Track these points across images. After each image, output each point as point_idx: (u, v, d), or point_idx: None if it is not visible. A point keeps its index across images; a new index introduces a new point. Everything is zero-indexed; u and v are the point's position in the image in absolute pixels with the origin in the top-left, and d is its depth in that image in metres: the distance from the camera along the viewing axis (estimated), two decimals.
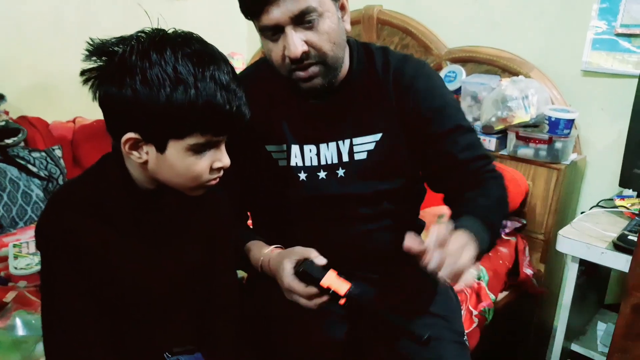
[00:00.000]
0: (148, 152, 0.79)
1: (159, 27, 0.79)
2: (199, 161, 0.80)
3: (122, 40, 0.77)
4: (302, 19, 0.91)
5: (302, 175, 1.08)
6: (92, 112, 2.21)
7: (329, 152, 1.07)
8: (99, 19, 2.30)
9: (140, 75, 0.73)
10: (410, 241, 0.81)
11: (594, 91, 1.86)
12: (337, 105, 1.05)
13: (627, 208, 1.57)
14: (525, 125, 1.82)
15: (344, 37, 1.00)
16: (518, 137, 1.82)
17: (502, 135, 1.90)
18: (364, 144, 1.06)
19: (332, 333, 1.04)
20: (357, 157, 1.06)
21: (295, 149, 1.07)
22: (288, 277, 0.93)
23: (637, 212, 1.50)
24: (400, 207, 1.12)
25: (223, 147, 0.84)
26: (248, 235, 1.10)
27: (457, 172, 1.06)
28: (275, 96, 1.04)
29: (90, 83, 0.77)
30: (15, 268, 1.38)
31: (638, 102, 1.53)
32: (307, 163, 1.07)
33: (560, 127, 1.74)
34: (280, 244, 1.05)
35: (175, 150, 0.78)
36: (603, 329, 1.66)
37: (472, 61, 2.10)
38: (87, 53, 0.76)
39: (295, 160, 1.08)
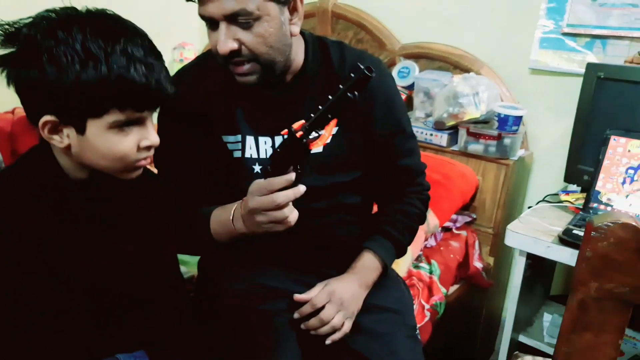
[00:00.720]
0: (69, 135, 0.76)
1: (69, 5, 0.76)
2: (123, 140, 0.77)
3: (32, 22, 0.74)
4: (236, 19, 0.90)
5: (257, 168, 1.06)
6: None
7: None
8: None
9: (47, 54, 0.70)
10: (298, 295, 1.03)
11: (541, 89, 1.92)
12: (292, 97, 1.05)
13: (572, 203, 1.62)
14: (475, 122, 1.86)
15: (287, 41, 0.97)
16: (469, 133, 1.85)
17: (454, 131, 1.93)
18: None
19: (286, 337, 1.03)
20: (313, 150, 1.04)
21: (250, 140, 1.06)
22: (256, 182, 0.92)
23: (581, 207, 1.56)
24: (355, 200, 1.13)
25: (150, 124, 0.81)
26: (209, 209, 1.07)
27: (391, 176, 1.14)
28: (231, 86, 1.02)
29: (3, 70, 0.74)
30: None
31: (582, 100, 1.58)
32: (262, 155, 1.06)
33: (509, 124, 1.78)
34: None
35: (96, 129, 0.75)
36: (549, 320, 1.71)
37: (425, 57, 2.12)
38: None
39: (250, 152, 1.06)
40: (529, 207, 1.65)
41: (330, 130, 0.82)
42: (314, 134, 0.83)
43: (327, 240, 1.12)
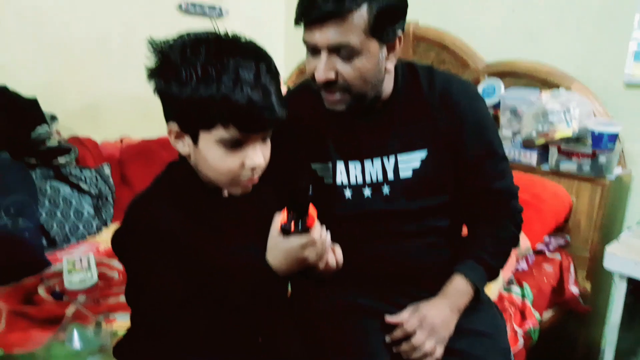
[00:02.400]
0: (188, 145, 0.84)
1: (205, 30, 0.85)
2: (228, 156, 0.82)
3: (174, 41, 0.83)
4: (338, 51, 0.95)
5: (348, 193, 1.10)
6: (138, 132, 2.30)
7: (373, 169, 1.09)
8: (142, 43, 2.39)
9: (172, 69, 0.79)
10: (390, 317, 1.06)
11: (637, 104, 1.82)
12: (381, 122, 1.08)
13: None
14: (567, 140, 1.79)
15: (380, 77, 1.02)
16: (560, 152, 1.79)
17: (544, 150, 1.87)
18: (409, 161, 1.08)
19: (378, 355, 1.05)
20: (402, 175, 1.08)
21: (340, 165, 1.10)
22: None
23: None
24: (444, 223, 1.14)
25: (258, 146, 0.84)
26: None
27: (484, 199, 1.13)
28: (321, 114, 1.07)
29: (151, 79, 0.84)
30: (70, 282, 1.44)
31: None
32: (352, 181, 1.10)
33: (603, 141, 1.71)
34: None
35: (206, 142, 0.82)
36: None
37: (510, 75, 2.08)
38: (149, 48, 0.84)
39: (341, 178, 1.10)
40: (628, 228, 1.57)
41: (311, 211, 0.83)
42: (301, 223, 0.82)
43: (416, 263, 1.12)
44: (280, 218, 0.83)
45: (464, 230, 1.23)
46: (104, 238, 1.78)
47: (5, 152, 1.77)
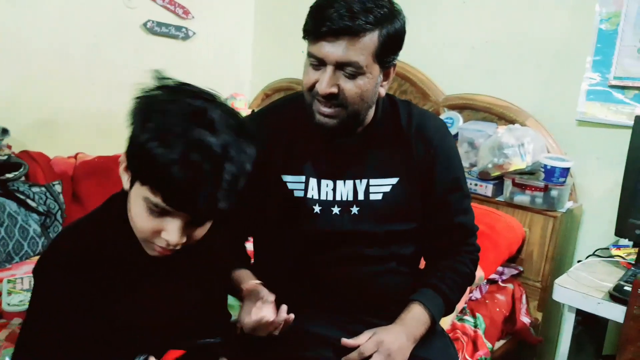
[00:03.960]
0: (127, 182, 0.81)
1: (185, 82, 0.81)
2: (146, 218, 0.77)
3: (156, 86, 0.80)
4: (344, 68, 0.97)
5: (317, 208, 1.10)
6: (94, 148, 2.24)
7: (345, 190, 1.10)
8: (107, 57, 2.36)
9: (146, 112, 0.76)
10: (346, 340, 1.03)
11: (589, 140, 1.90)
12: (359, 146, 1.10)
13: (623, 258, 1.57)
14: (521, 173, 1.84)
15: (374, 99, 1.05)
16: (514, 184, 1.84)
17: (499, 182, 1.92)
18: (381, 186, 1.10)
19: None
20: (372, 197, 1.09)
21: (312, 182, 1.10)
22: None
23: (633, 262, 1.50)
24: (408, 250, 1.15)
25: (181, 225, 0.77)
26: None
27: (446, 233, 1.16)
28: (299, 130, 1.08)
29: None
30: (8, 304, 1.36)
31: (632, 153, 1.55)
32: (323, 197, 1.10)
33: (555, 175, 1.76)
34: (286, 279, 1.08)
35: (136, 193, 0.78)
36: None
37: (469, 108, 2.15)
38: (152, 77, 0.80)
39: (312, 192, 1.10)
40: (579, 261, 1.61)
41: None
42: None
43: (376, 289, 1.12)
44: None
45: (422, 262, 1.24)
46: None
47: None
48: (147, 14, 2.49)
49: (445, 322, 1.49)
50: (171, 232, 0.77)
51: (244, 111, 2.54)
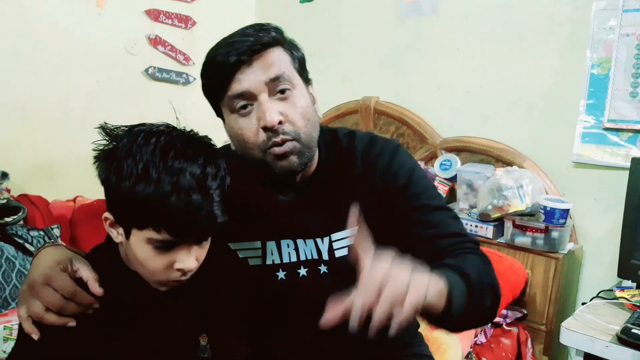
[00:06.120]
0: (121, 234, 0.81)
1: (163, 123, 0.83)
2: (157, 257, 0.79)
3: (128, 130, 0.81)
4: (276, 87, 0.89)
5: (281, 274, 1.00)
6: (93, 192, 2.23)
7: (307, 248, 0.99)
8: (108, 103, 2.39)
9: (115, 162, 0.77)
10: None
11: (586, 182, 1.92)
12: (310, 201, 0.99)
13: (628, 299, 1.56)
14: (521, 214, 1.85)
15: (317, 118, 0.96)
16: (515, 226, 1.84)
17: (499, 224, 1.92)
18: (344, 239, 0.98)
19: None
20: (337, 254, 0.98)
21: (271, 245, 1.00)
22: None
23: (637, 304, 1.49)
24: None
25: (192, 250, 0.81)
26: None
27: (425, 249, 0.91)
28: (242, 191, 0.92)
29: (96, 161, 0.81)
30: (4, 352, 1.33)
31: (630, 194, 1.57)
32: (286, 259, 1.00)
33: (555, 217, 1.77)
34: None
35: (137, 239, 0.79)
36: None
37: (466, 150, 2.18)
38: (100, 133, 0.81)
39: (272, 257, 1.00)
40: (583, 304, 1.59)
41: None
42: None
43: (368, 348, 0.96)
44: None
45: None
46: None
47: None
48: (149, 61, 2.55)
49: None
50: (185, 259, 0.80)
51: None
